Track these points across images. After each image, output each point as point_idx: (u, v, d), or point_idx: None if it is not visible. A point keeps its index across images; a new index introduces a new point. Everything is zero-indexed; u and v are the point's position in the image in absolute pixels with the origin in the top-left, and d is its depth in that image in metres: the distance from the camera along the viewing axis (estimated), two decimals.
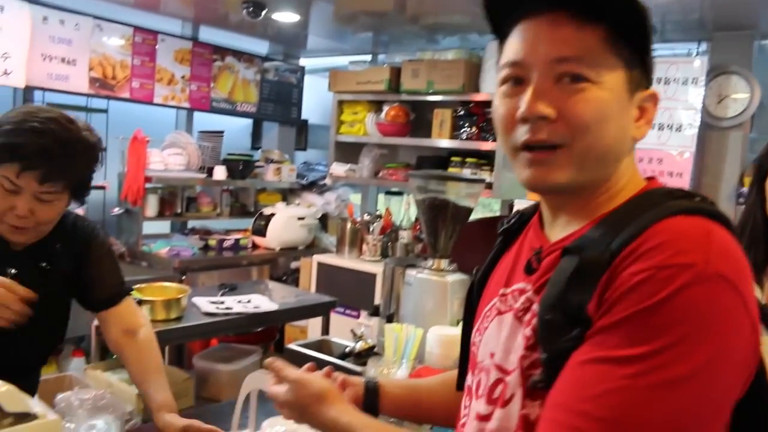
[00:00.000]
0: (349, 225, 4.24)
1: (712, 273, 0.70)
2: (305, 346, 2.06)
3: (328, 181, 4.92)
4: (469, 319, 1.06)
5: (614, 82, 0.82)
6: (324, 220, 5.02)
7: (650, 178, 0.90)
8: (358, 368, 1.79)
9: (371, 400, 1.18)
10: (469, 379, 0.98)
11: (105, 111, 4.18)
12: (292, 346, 2.07)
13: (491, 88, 3.96)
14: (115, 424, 1.37)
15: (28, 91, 3.83)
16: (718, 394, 0.70)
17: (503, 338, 0.89)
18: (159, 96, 4.42)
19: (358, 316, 3.74)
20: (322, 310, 3.28)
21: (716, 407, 0.71)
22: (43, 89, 3.86)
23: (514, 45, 0.85)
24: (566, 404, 0.72)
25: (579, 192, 0.86)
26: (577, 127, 0.81)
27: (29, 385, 1.47)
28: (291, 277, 4.53)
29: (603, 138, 0.82)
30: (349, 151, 4.68)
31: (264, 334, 3.88)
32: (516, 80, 0.85)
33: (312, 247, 4.73)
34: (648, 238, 0.74)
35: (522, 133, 0.83)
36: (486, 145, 3.89)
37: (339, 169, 4.59)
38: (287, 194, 5.19)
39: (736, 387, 0.73)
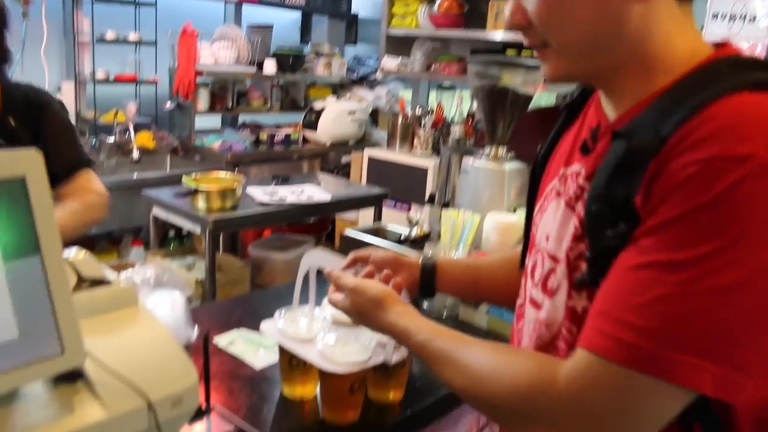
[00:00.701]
0: (400, 119, 4.18)
1: None
2: (362, 230, 2.07)
3: (378, 75, 4.82)
4: (531, 197, 1.03)
5: None
6: (375, 115, 4.96)
7: (721, 45, 0.78)
8: (414, 253, 1.79)
9: (428, 280, 1.17)
10: (528, 260, 0.96)
11: (154, 5, 4.11)
12: (348, 232, 2.08)
13: None
14: (180, 297, 1.41)
15: None
16: None
17: (557, 225, 0.86)
18: None
19: (408, 209, 3.74)
20: (373, 202, 3.29)
21: None
22: None
23: None
24: (609, 313, 0.68)
25: (598, 77, 0.81)
26: (544, 29, 0.78)
27: None
28: (341, 172, 4.53)
29: (574, 31, 0.76)
30: (400, 45, 4.54)
31: (316, 225, 3.94)
32: None
33: (362, 142, 4.70)
34: (703, 122, 0.65)
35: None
36: None
37: (390, 63, 4.47)
38: (337, 89, 5.12)
39: None
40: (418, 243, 1.98)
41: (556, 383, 0.71)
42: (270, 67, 4.46)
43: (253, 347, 1.44)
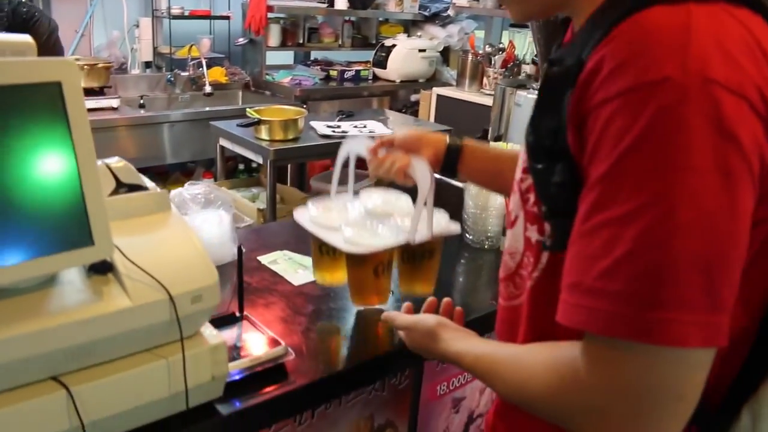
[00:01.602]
0: (470, 57, 4.12)
1: (696, 81, 0.56)
2: None
3: (451, 12, 4.75)
4: None
5: None
6: (446, 54, 4.90)
7: None
8: (459, 183, 1.80)
9: (452, 161, 1.17)
10: None
11: None
12: None
13: None
14: (226, 216, 1.49)
15: None
16: (741, 212, 0.58)
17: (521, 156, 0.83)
18: None
19: None
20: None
21: (738, 229, 0.58)
22: None
23: None
24: (578, 284, 0.62)
25: (554, 10, 0.78)
26: None
27: None
28: (410, 110, 4.52)
29: None
30: None
31: None
32: None
33: (432, 80, 4.66)
34: (611, 48, 0.60)
35: None
36: None
37: None
38: (409, 26, 5.07)
39: (754, 194, 0.60)
40: None
41: (578, 372, 0.65)
42: (341, 3, 4.45)
43: (293, 266, 1.51)
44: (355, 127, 3.07)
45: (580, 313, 0.62)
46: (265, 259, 1.54)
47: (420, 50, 4.53)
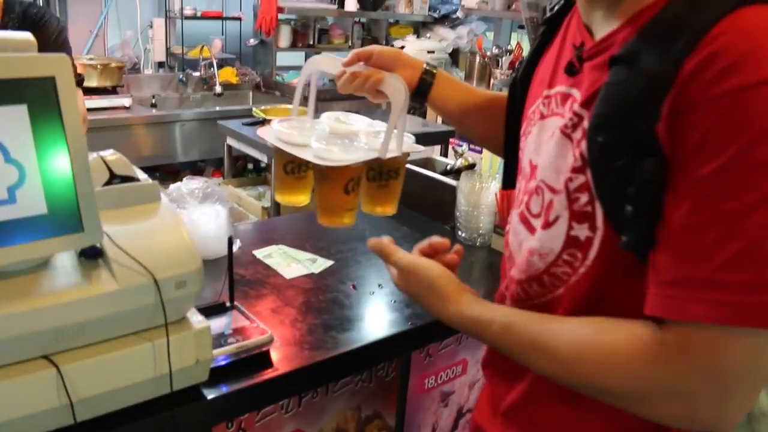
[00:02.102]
0: (477, 59, 4.15)
1: None
2: (410, 162, 2.13)
3: (460, 14, 4.79)
4: (511, 118, 1.02)
5: None
6: (455, 55, 4.93)
7: None
8: (452, 182, 1.84)
9: (425, 86, 1.15)
10: (517, 185, 0.95)
11: None
12: None
13: None
14: (223, 210, 1.53)
15: None
16: None
17: (552, 155, 0.82)
18: None
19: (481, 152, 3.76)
20: (440, 139, 3.33)
21: None
22: None
23: None
24: (692, 278, 0.63)
25: None
26: None
27: None
28: (419, 111, 4.55)
29: None
30: None
31: None
32: None
33: None
34: (718, 47, 0.61)
35: None
36: None
37: (471, 0, 4.43)
38: (419, 27, 5.12)
39: None
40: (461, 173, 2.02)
41: (670, 355, 0.66)
42: (351, 5, 4.50)
43: (287, 260, 1.55)
44: None
45: (700, 306, 0.62)
46: (260, 253, 1.59)
47: (429, 51, 4.56)
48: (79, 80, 1.98)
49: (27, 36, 1.07)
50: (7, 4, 1.86)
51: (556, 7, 0.93)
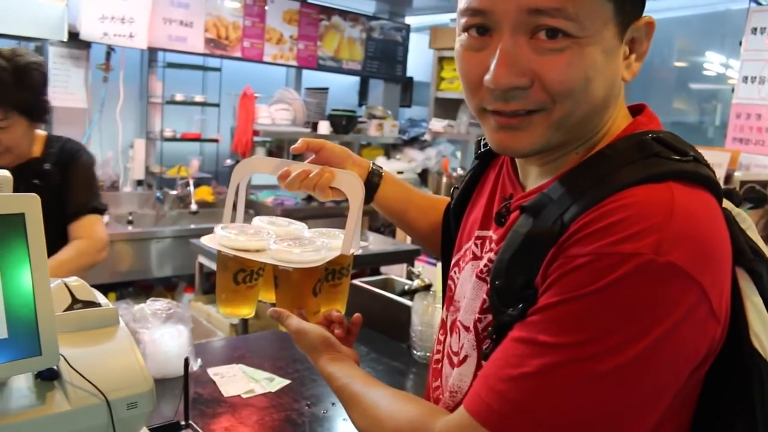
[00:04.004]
0: (444, 179, 4.35)
1: (661, 263, 0.61)
2: (368, 283, 2.22)
3: (427, 136, 5.04)
4: (446, 245, 1.06)
5: (602, 32, 0.69)
6: (424, 175, 5.15)
7: (638, 107, 0.81)
8: (407, 302, 1.93)
9: (373, 185, 1.16)
10: (444, 314, 0.98)
11: (219, 69, 4.50)
12: (357, 282, 2.23)
13: None
14: (185, 330, 1.60)
15: (151, 51, 4.20)
16: (646, 388, 0.64)
17: (469, 294, 0.87)
18: (268, 55, 4.68)
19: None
20: (406, 257, 3.44)
21: (641, 402, 0.64)
22: (164, 50, 4.22)
23: None
24: (488, 379, 0.69)
25: (555, 151, 0.78)
26: (558, 94, 0.70)
27: None
28: (388, 229, 4.71)
29: (588, 100, 0.71)
30: (449, 107, 4.78)
31: (354, 278, 4.09)
32: (481, 29, 0.72)
33: None
34: (600, 215, 0.65)
35: (491, 100, 0.74)
36: None
37: (438, 124, 4.69)
38: (390, 149, 5.36)
39: (674, 380, 0.66)
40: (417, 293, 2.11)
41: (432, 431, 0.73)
42: (324, 128, 4.73)
43: (244, 379, 1.60)
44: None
45: (479, 404, 0.68)
46: (218, 371, 1.64)
47: (398, 172, 4.77)
48: (95, 207, 2.06)
49: (4, 173, 1.18)
50: (49, 139, 2.03)
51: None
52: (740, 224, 0.74)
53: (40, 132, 2.01)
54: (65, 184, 1.96)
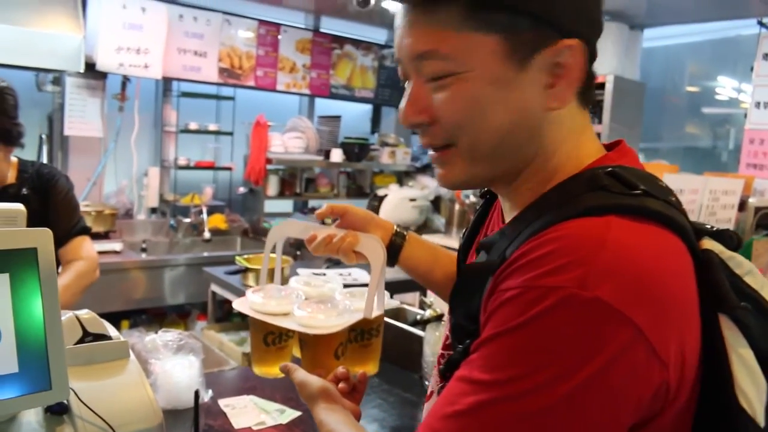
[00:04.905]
0: (456, 206, 4.35)
1: (586, 298, 0.59)
2: None
3: None
4: None
5: (486, 63, 0.70)
6: (437, 202, 5.15)
7: (615, 145, 0.79)
8: (420, 333, 1.92)
9: (396, 247, 1.18)
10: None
11: (232, 98, 4.55)
12: None
13: (598, 69, 3.89)
14: (195, 361, 1.60)
15: (166, 81, 4.26)
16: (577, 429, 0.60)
17: (446, 334, 0.88)
18: (281, 83, 4.73)
19: None
20: (417, 286, 3.42)
21: None
22: (179, 79, 4.28)
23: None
24: (429, 417, 0.67)
25: (497, 183, 0.80)
26: (451, 129, 0.74)
27: None
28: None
29: (487, 132, 0.73)
30: None
31: None
32: (404, 76, 0.78)
33: (423, 228, 4.87)
34: (534, 247, 0.65)
35: (420, 137, 0.79)
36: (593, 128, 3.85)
37: None
38: (402, 176, 5.37)
39: (611, 428, 0.61)
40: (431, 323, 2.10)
41: None
42: (337, 155, 4.76)
43: (255, 411, 1.60)
44: (340, 274, 3.22)
45: None
46: (229, 402, 1.63)
47: (411, 199, 4.77)
48: (83, 228, 2.12)
49: (18, 207, 1.19)
50: (22, 164, 2.05)
51: None
52: (734, 269, 0.70)
53: (13, 158, 2.04)
54: (45, 209, 2.00)
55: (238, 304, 1.23)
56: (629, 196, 0.67)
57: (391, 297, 1.24)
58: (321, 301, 1.20)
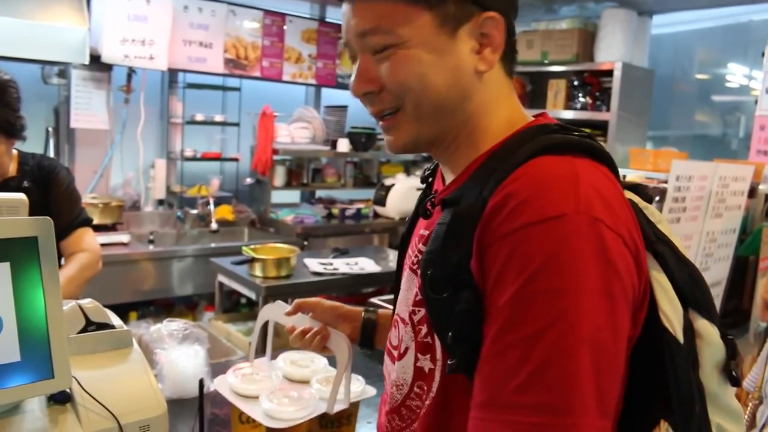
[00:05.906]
0: None
1: (587, 219, 0.68)
2: (387, 301, 2.21)
3: None
4: (398, 270, 1.07)
5: (420, 34, 0.80)
6: None
7: (538, 115, 0.88)
8: None
9: (368, 334, 1.21)
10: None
11: (238, 89, 4.54)
12: (375, 299, 2.22)
13: (606, 56, 3.86)
14: (201, 350, 1.59)
15: (171, 72, 4.25)
16: (621, 329, 0.69)
17: (405, 288, 0.92)
18: (287, 74, 4.72)
19: None
20: None
21: (620, 343, 0.70)
22: (184, 71, 4.27)
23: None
24: (498, 400, 0.68)
25: (438, 144, 0.86)
26: (399, 92, 0.82)
27: None
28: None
29: (429, 91, 0.81)
30: None
31: (373, 296, 4.07)
32: (352, 57, 0.87)
33: None
34: (511, 190, 0.71)
35: (368, 108, 0.88)
36: (601, 115, 3.82)
37: None
38: (409, 166, 5.35)
39: (630, 315, 0.72)
40: None
41: None
42: (344, 145, 4.74)
43: None
44: (347, 264, 3.21)
45: (501, 427, 0.67)
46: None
47: (417, 188, 4.74)
48: (85, 220, 2.13)
49: (20, 197, 1.18)
50: (22, 157, 2.04)
51: (431, 169, 1.02)
52: (649, 217, 0.82)
53: (13, 150, 2.03)
54: (46, 202, 2.00)
55: (218, 383, 1.38)
56: (579, 136, 0.79)
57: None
58: (294, 387, 1.33)
